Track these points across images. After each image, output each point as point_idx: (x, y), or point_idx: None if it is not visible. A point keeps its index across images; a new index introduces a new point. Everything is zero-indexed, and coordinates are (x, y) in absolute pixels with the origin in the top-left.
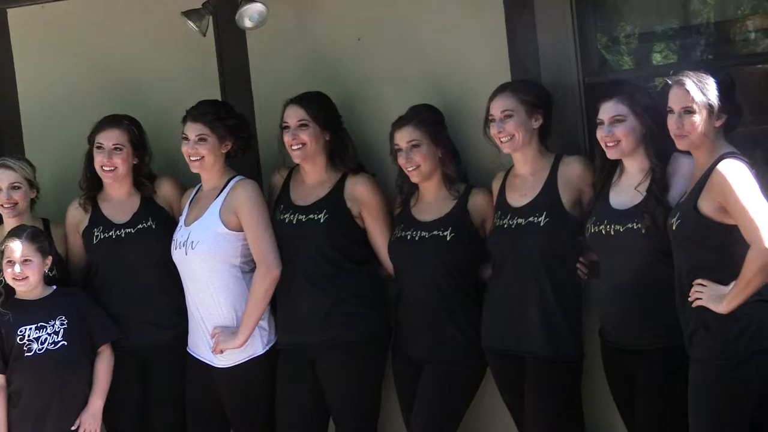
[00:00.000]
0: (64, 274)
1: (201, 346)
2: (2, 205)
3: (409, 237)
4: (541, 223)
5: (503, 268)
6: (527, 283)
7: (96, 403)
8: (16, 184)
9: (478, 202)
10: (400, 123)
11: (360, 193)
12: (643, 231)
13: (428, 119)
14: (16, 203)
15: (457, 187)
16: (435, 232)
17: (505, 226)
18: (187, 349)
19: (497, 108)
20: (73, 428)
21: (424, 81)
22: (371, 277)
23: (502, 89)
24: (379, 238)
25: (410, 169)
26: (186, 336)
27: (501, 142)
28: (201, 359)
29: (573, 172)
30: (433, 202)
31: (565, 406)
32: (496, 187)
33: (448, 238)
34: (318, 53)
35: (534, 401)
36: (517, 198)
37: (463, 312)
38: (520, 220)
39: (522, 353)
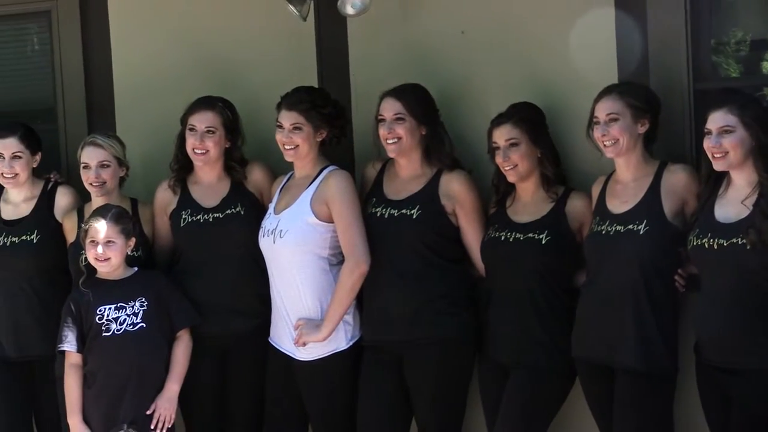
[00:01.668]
0: (150, 255)
1: (283, 337)
2: (91, 184)
3: (503, 238)
4: (641, 232)
5: (599, 276)
6: (623, 293)
7: (172, 387)
8: (104, 162)
9: (576, 206)
10: (499, 120)
11: (455, 189)
12: (748, 247)
13: (528, 118)
14: (105, 182)
15: (556, 190)
16: (530, 235)
17: (603, 232)
18: (269, 340)
19: (603, 110)
20: (148, 412)
21: (527, 78)
22: (462, 276)
23: (608, 91)
24: (472, 236)
25: (507, 168)
26: (268, 326)
27: (604, 145)
28: (283, 351)
29: (678, 180)
30: (529, 203)
31: (655, 422)
32: (596, 191)
33: (543, 242)
34: (420, 44)
35: (623, 415)
36: (618, 204)
37: (555, 318)
38: (619, 227)
39: (613, 364)
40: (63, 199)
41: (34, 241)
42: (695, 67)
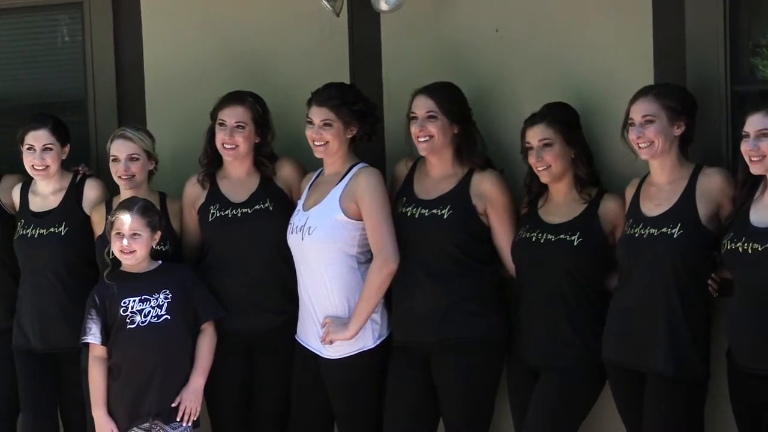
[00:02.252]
0: (178, 250)
1: (310, 334)
2: (119, 177)
3: (534, 239)
4: (675, 235)
5: (631, 279)
6: (655, 296)
7: (197, 380)
8: (134, 156)
9: (609, 207)
10: (532, 120)
11: (486, 189)
12: None
13: (563, 118)
14: (133, 175)
15: (589, 191)
16: (562, 236)
17: (636, 235)
18: (296, 337)
19: (638, 112)
20: (173, 405)
21: (562, 78)
22: (492, 276)
23: (644, 92)
24: (503, 237)
25: (540, 168)
26: (295, 323)
27: (639, 147)
28: (309, 348)
29: (713, 184)
30: (562, 204)
31: (685, 428)
32: (629, 193)
33: (575, 243)
34: (453, 42)
35: (653, 420)
36: (651, 207)
37: (586, 320)
38: (652, 231)
39: (644, 368)
40: (91, 191)
41: (62, 233)
42: (733, 69)
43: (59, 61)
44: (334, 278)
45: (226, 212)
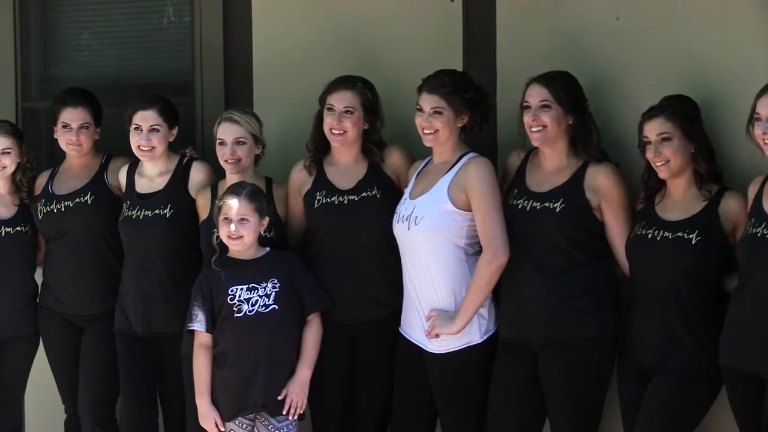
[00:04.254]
0: (282, 236)
1: (415, 327)
2: (226, 161)
3: (650, 236)
4: None
5: (751, 281)
6: None
7: (304, 372)
8: (241, 139)
9: (730, 206)
10: (651, 113)
11: (601, 183)
12: None
13: (683, 112)
14: (240, 159)
15: (709, 187)
16: (679, 234)
17: (759, 235)
18: (400, 329)
19: (765, 106)
20: (279, 398)
21: (683, 70)
22: (605, 274)
23: None
24: (617, 233)
25: (659, 163)
26: (400, 314)
27: (765, 143)
28: (413, 341)
29: None
30: (680, 201)
31: None
32: (752, 191)
33: (693, 242)
34: (571, 30)
35: None
36: None
37: (702, 323)
38: None
39: (764, 374)
40: (198, 174)
41: (167, 215)
42: None
43: (167, 41)
44: (441, 270)
45: (333, 199)
